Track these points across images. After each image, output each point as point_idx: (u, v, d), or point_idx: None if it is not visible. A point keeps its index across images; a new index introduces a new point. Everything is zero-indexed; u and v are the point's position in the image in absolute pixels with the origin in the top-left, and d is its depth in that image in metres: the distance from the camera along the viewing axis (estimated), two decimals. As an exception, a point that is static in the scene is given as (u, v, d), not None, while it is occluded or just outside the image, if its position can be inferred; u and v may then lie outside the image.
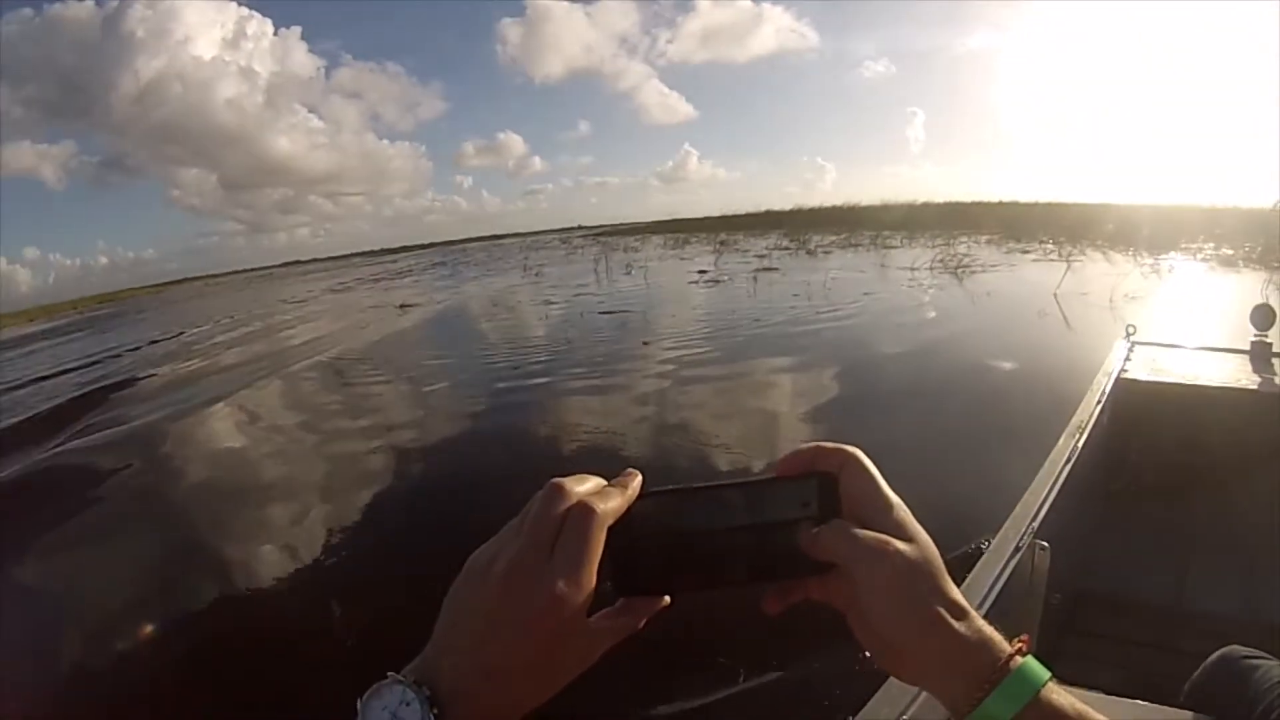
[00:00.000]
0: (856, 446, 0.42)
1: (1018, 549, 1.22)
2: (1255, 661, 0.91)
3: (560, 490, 0.38)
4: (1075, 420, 1.83)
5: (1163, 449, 2.15)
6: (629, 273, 17.99)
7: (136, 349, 15.31)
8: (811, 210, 38.98)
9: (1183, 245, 14.14)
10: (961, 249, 15.66)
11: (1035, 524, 1.31)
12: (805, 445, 0.43)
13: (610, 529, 0.38)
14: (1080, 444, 1.68)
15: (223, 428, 6.30)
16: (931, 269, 13.02)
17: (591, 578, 0.36)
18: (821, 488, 0.41)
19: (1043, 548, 1.28)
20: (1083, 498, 1.76)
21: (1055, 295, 9.00)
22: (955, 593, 0.38)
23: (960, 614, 0.38)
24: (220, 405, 7.08)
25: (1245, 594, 1.82)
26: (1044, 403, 3.64)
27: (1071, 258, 12.43)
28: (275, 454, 5.42)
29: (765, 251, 20.81)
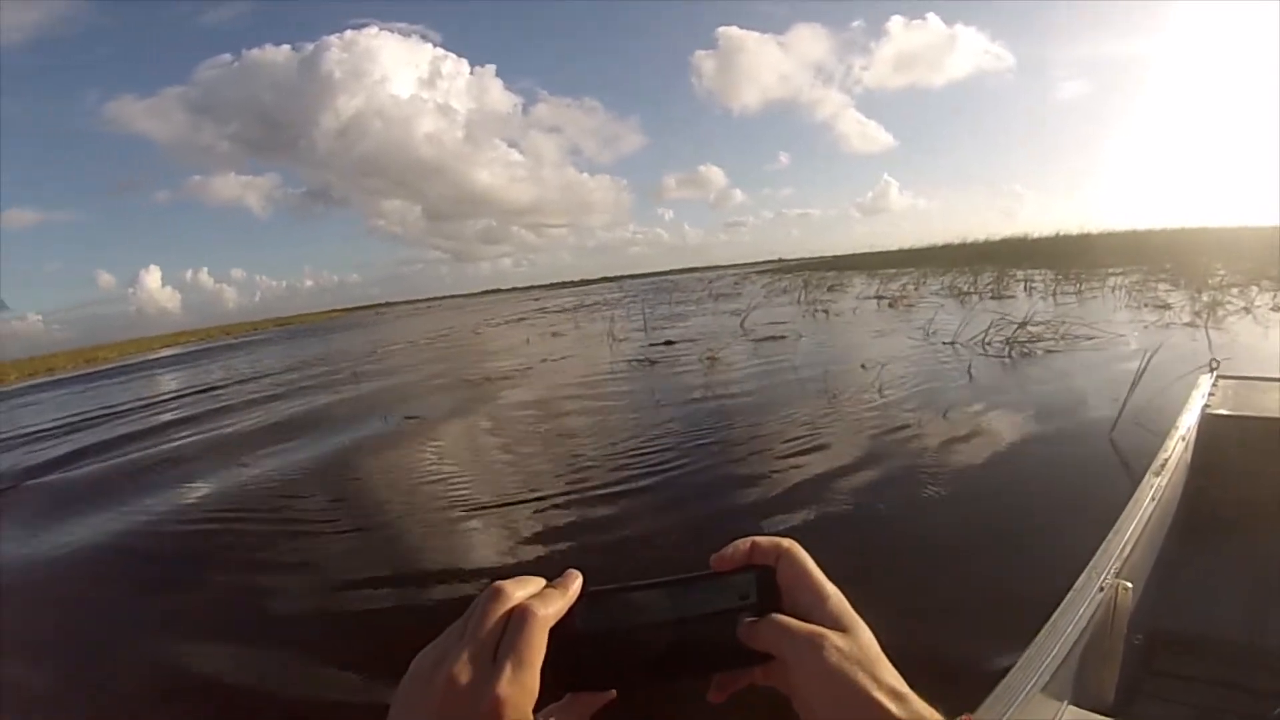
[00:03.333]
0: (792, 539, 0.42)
1: (1100, 589, 1.21)
2: None
3: (500, 594, 0.38)
4: (1159, 458, 1.76)
5: (1247, 484, 2.04)
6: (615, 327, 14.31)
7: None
8: (983, 244, 34.31)
9: None
10: (1091, 303, 11.72)
11: (1119, 563, 1.29)
12: (741, 540, 0.43)
13: (553, 629, 0.38)
14: (1164, 482, 1.65)
15: None
16: (985, 341, 8.04)
17: (534, 680, 0.36)
18: (760, 581, 0.42)
19: (1125, 587, 1.24)
20: (1165, 535, 1.74)
21: (1111, 440, 4.16)
22: (892, 678, 0.38)
23: (898, 698, 0.37)
24: None
25: None
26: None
27: (1222, 316, 7.77)
28: None
29: (847, 303, 17.08)
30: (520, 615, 0.37)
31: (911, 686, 0.38)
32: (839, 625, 0.39)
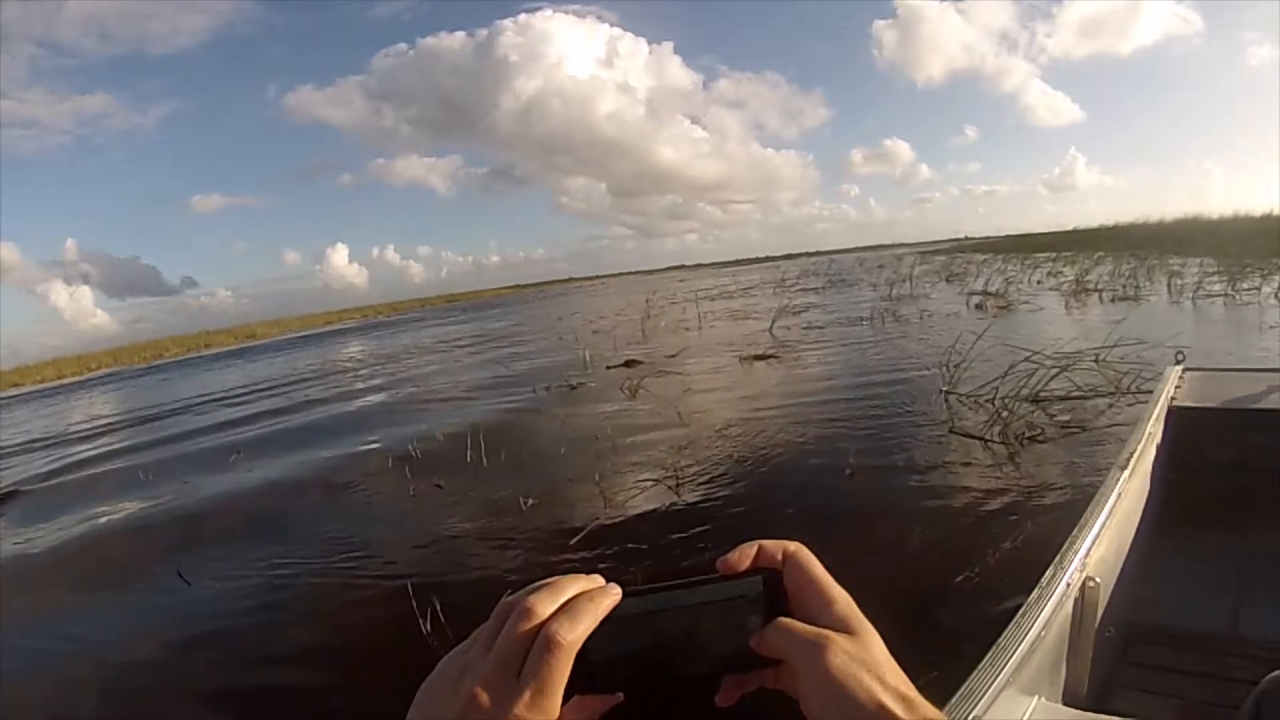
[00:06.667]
0: (799, 542, 0.42)
1: (1068, 585, 1.19)
2: None
3: (530, 614, 0.37)
4: (1125, 450, 1.71)
5: (1217, 475, 2.02)
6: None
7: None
8: (1153, 225, 31.00)
9: None
10: (1240, 310, 8.59)
11: (1086, 559, 1.27)
12: (747, 544, 0.42)
13: None
14: (1131, 474, 1.61)
15: None
16: (997, 395, 5.14)
17: (555, 706, 0.36)
18: (767, 583, 0.41)
19: (1094, 582, 1.24)
20: (1135, 529, 1.71)
21: None
22: (899, 682, 0.37)
23: (905, 701, 0.36)
24: None
25: None
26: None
27: None
28: None
29: (941, 301, 14.32)
30: (546, 642, 0.36)
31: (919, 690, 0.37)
32: (846, 628, 0.38)
